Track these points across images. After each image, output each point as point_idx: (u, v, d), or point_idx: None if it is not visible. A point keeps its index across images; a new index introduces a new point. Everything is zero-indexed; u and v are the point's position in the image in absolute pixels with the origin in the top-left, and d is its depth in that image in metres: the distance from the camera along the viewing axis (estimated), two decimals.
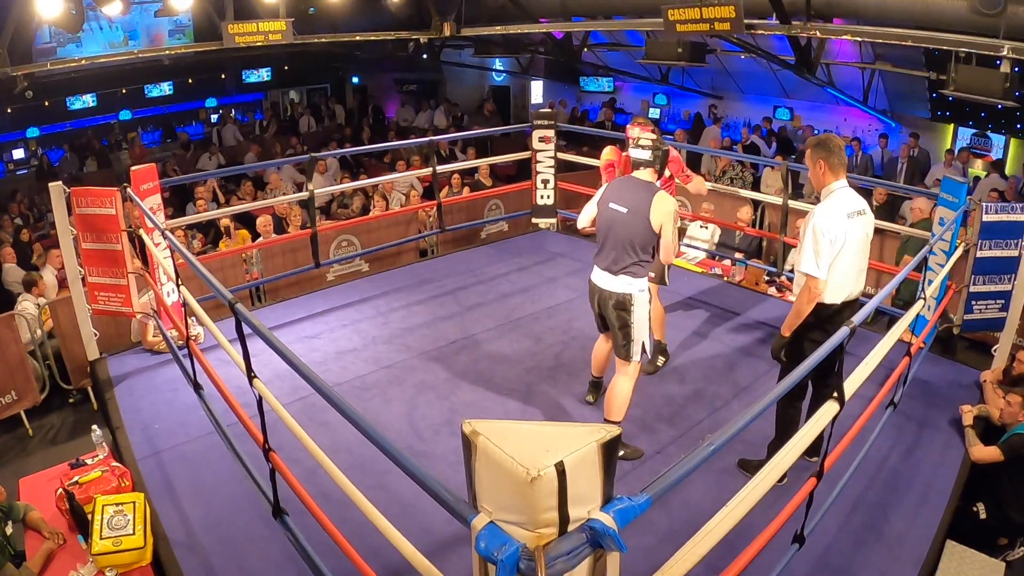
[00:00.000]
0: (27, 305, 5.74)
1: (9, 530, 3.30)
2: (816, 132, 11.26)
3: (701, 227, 7.04)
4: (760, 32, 7.21)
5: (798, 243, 3.24)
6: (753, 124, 12.08)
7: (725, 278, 6.29)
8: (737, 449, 3.57)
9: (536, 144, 6.88)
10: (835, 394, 2.48)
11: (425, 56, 13.96)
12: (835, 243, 3.07)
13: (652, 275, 4.00)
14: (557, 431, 1.63)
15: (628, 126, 4.05)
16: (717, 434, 1.88)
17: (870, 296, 3.17)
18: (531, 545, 1.46)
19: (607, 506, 1.54)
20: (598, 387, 4.17)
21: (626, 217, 3.46)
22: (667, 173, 4.20)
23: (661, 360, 4.59)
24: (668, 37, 7.72)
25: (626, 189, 3.54)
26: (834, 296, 3.19)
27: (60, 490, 3.45)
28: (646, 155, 3.52)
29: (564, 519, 1.49)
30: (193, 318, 4.42)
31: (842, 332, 2.49)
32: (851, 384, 2.57)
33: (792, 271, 6.04)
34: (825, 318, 3.20)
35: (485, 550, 1.46)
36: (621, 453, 4.09)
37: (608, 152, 4.44)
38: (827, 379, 3.06)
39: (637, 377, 3.74)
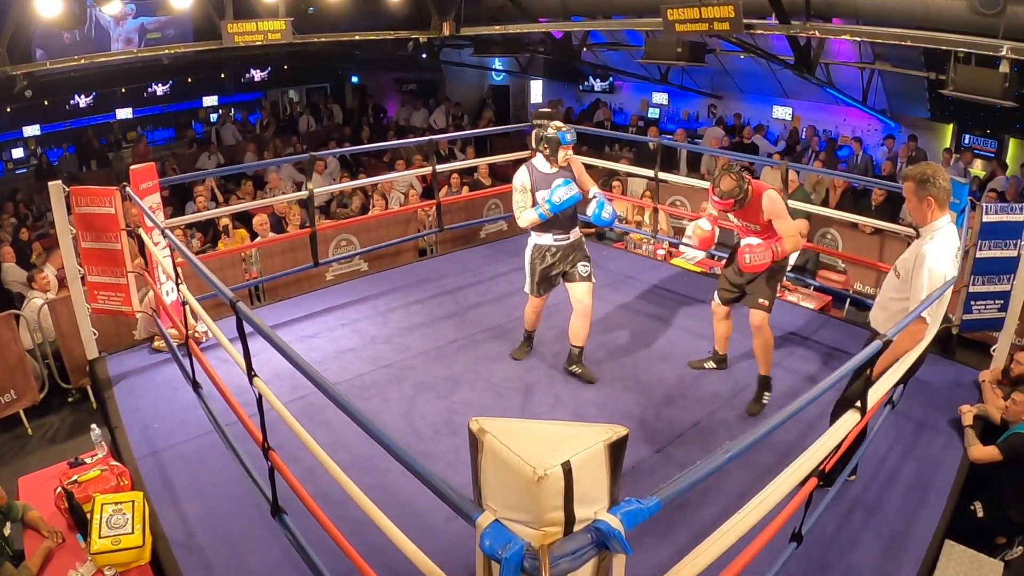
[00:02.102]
0: (36, 302, 5.74)
1: (7, 531, 3.29)
2: (817, 133, 11.30)
3: None
4: (759, 32, 7.22)
5: (909, 283, 2.98)
6: (755, 123, 12.09)
7: None
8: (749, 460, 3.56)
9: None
10: (858, 404, 2.47)
11: (425, 56, 13.96)
12: (948, 286, 2.91)
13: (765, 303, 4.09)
14: (564, 430, 1.63)
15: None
16: (735, 442, 1.85)
17: (869, 296, 3.16)
18: (536, 544, 1.45)
19: (615, 508, 1.54)
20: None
21: None
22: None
23: (766, 397, 4.20)
24: (667, 37, 7.72)
25: None
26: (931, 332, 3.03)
27: (59, 489, 3.44)
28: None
29: (570, 519, 1.48)
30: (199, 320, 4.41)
31: (874, 346, 2.47)
32: (873, 395, 2.55)
33: (792, 271, 6.06)
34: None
35: (490, 548, 1.46)
36: (579, 371, 4.46)
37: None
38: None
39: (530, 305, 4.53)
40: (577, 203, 4.19)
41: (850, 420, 2.42)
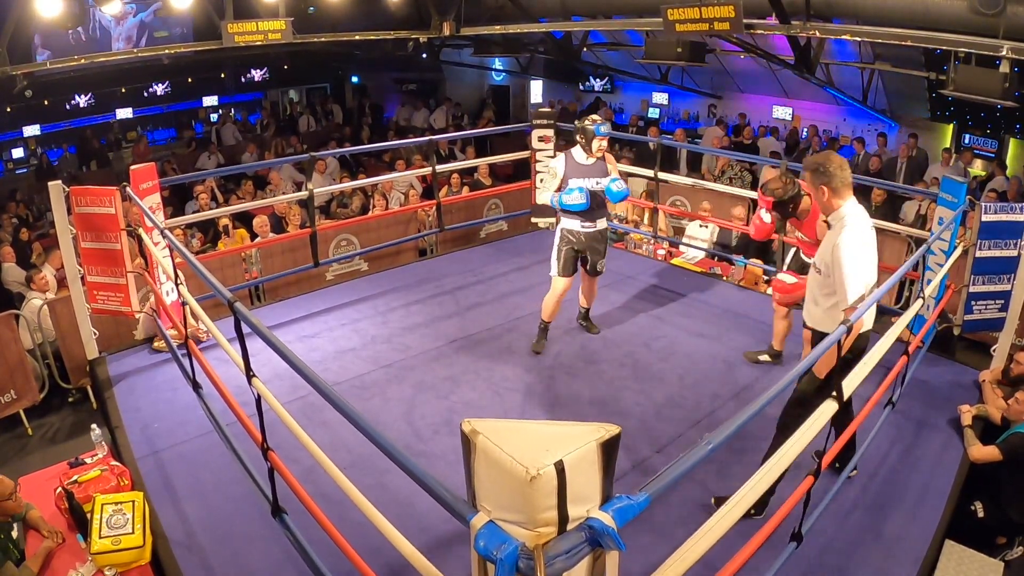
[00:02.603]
0: (35, 303, 5.74)
1: (15, 532, 3.30)
2: (818, 133, 11.29)
3: (701, 226, 7.04)
4: (759, 32, 7.21)
5: (832, 277, 3.01)
6: (758, 124, 12.08)
7: (725, 278, 6.29)
8: (735, 446, 3.57)
9: (535, 143, 6.88)
10: (834, 393, 2.49)
11: (425, 56, 13.97)
12: (873, 263, 2.95)
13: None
14: (556, 430, 1.63)
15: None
16: (715, 433, 1.89)
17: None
18: (530, 544, 1.46)
19: (606, 505, 1.54)
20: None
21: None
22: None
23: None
24: (668, 37, 7.72)
25: None
26: (869, 322, 3.06)
27: (59, 489, 3.44)
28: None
29: (563, 518, 1.49)
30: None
31: (839, 330, 2.49)
32: (849, 383, 2.57)
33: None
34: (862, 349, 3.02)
35: (484, 549, 1.46)
36: (586, 325, 5.07)
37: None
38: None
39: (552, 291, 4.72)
40: (586, 209, 4.51)
41: (827, 410, 2.43)
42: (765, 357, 4.67)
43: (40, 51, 8.23)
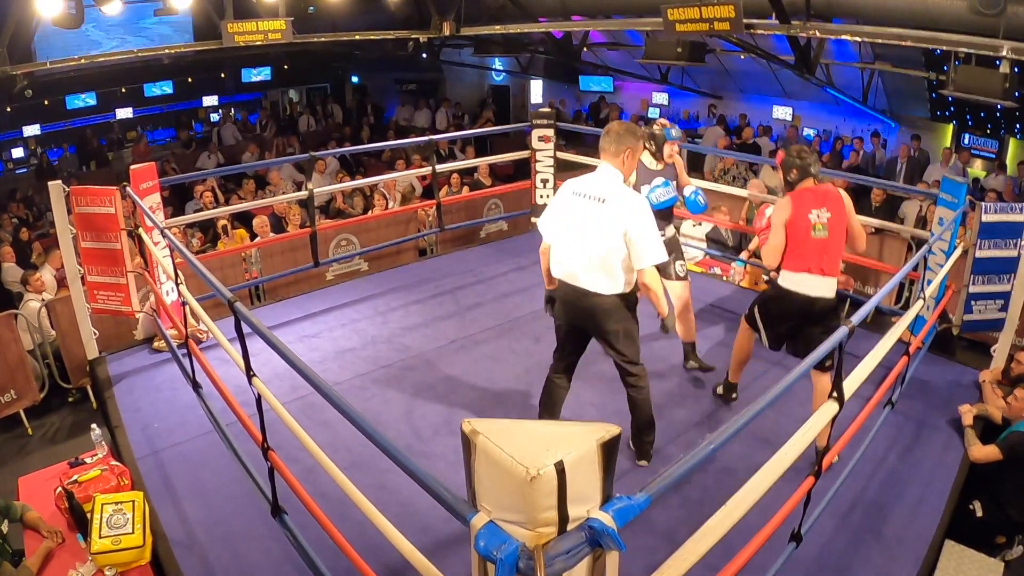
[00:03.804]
0: (32, 304, 5.74)
1: (5, 528, 3.29)
2: (818, 133, 11.29)
3: (694, 225, 7.03)
4: (759, 32, 7.21)
5: (642, 241, 3.20)
6: (755, 123, 12.07)
7: (724, 278, 6.29)
8: (735, 450, 3.57)
9: (535, 143, 6.88)
10: (835, 393, 2.48)
11: (425, 55, 13.96)
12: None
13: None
14: (557, 430, 1.63)
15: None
16: (716, 434, 1.88)
17: (869, 295, 3.17)
18: (530, 544, 1.46)
19: (606, 505, 1.54)
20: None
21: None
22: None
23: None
24: (668, 37, 7.72)
25: None
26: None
27: (59, 489, 3.44)
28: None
29: (563, 518, 1.49)
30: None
31: (841, 331, 2.49)
32: (850, 384, 2.57)
33: None
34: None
35: (484, 549, 1.46)
36: (696, 364, 4.46)
37: None
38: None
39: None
40: (674, 204, 4.33)
41: (827, 410, 2.44)
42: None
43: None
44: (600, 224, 3.16)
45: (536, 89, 15.82)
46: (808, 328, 3.64)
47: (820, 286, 3.55)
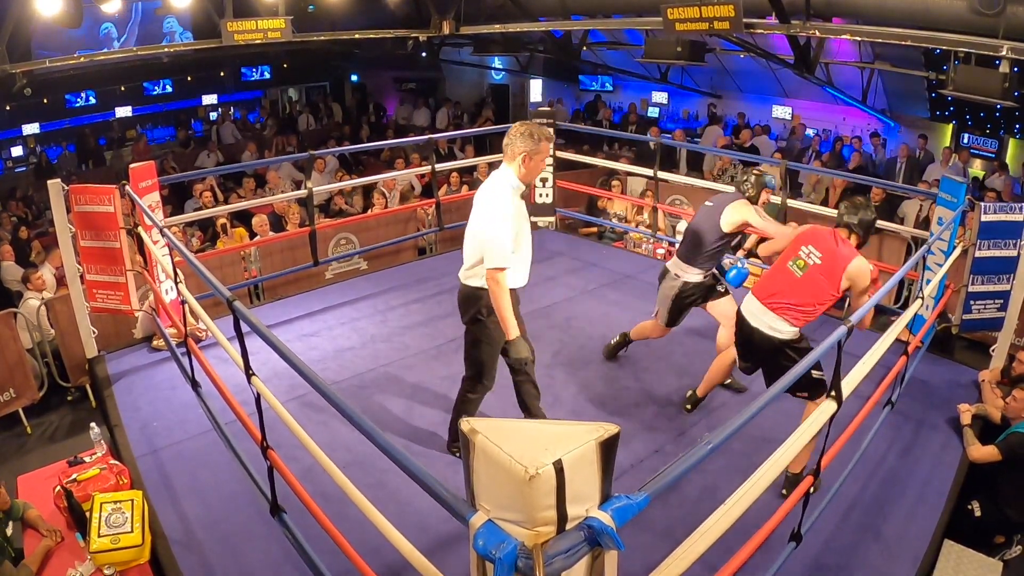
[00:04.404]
0: (32, 303, 5.74)
1: (9, 530, 3.30)
2: (818, 132, 11.29)
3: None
4: (759, 31, 7.21)
5: (485, 243, 3.29)
6: (755, 124, 12.07)
7: None
8: (734, 449, 3.57)
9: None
10: (832, 393, 2.48)
11: (424, 54, 13.96)
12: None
13: None
14: (556, 429, 1.63)
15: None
16: (715, 433, 1.89)
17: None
18: (529, 543, 1.46)
19: (605, 504, 1.54)
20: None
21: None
22: None
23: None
24: (667, 36, 7.72)
25: None
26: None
27: (58, 488, 3.44)
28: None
29: (562, 517, 1.49)
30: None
31: (840, 331, 2.49)
32: (848, 383, 2.57)
33: None
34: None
35: (483, 548, 1.46)
36: (729, 381, 4.25)
37: None
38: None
39: None
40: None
41: (827, 410, 2.43)
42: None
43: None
44: (472, 223, 3.36)
45: (536, 88, 15.81)
46: (764, 359, 3.46)
47: (770, 323, 3.33)
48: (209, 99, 15.34)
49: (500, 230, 3.17)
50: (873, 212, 3.38)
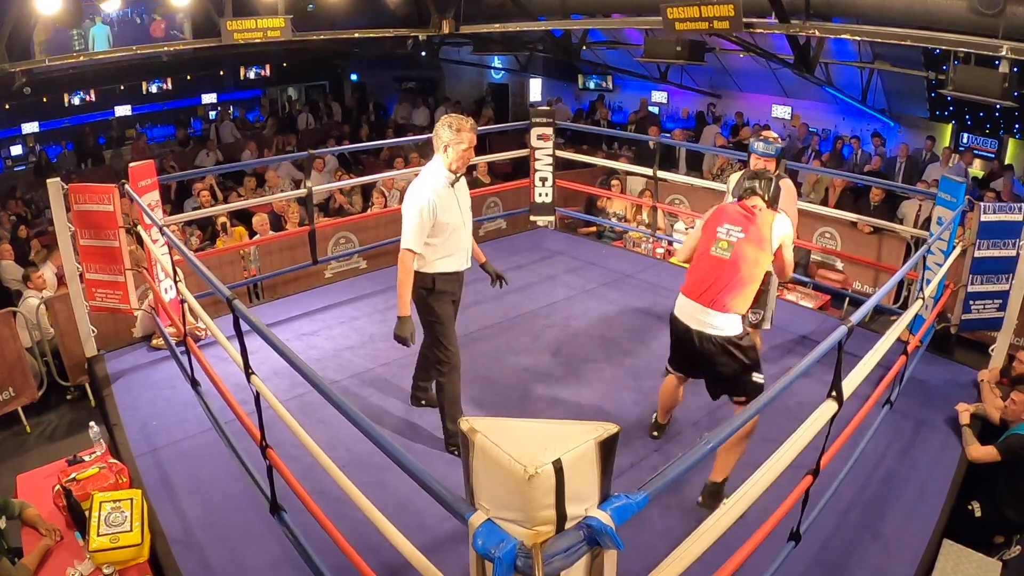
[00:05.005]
0: (32, 302, 5.73)
1: (2, 524, 3.29)
2: (817, 132, 11.29)
3: (688, 228, 7.04)
4: (759, 31, 7.21)
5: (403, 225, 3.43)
6: (754, 123, 12.08)
7: None
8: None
9: (534, 142, 6.88)
10: (833, 393, 2.48)
11: (424, 54, 13.95)
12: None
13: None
14: (555, 429, 1.63)
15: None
16: (714, 432, 1.89)
17: (868, 295, 3.17)
18: (528, 543, 1.46)
19: (604, 504, 1.54)
20: None
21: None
22: None
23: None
24: (667, 35, 7.72)
25: None
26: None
27: (57, 487, 3.44)
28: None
29: (562, 517, 1.49)
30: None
31: (840, 330, 2.49)
32: (849, 383, 2.57)
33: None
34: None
35: (482, 547, 1.46)
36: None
37: None
38: None
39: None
40: None
41: (827, 410, 2.43)
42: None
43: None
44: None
45: (535, 87, 15.81)
46: (699, 362, 3.23)
47: (711, 320, 3.10)
48: (208, 98, 15.33)
49: (411, 215, 3.37)
50: (768, 172, 3.35)
